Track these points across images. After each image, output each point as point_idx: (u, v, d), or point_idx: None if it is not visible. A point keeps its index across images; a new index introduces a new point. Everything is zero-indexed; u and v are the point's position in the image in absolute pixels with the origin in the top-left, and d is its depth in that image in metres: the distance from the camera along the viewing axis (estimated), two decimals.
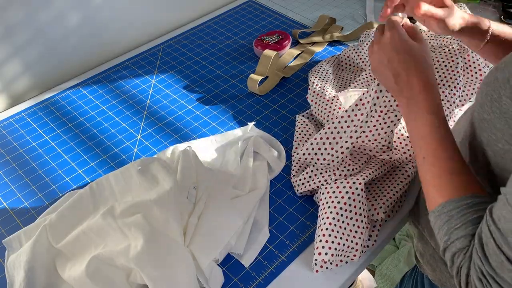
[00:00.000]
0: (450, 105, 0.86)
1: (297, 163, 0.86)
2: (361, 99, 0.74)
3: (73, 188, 0.86)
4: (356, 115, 0.74)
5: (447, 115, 0.84)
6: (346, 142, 0.76)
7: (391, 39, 0.64)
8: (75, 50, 1.11)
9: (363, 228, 0.72)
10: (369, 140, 0.78)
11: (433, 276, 0.73)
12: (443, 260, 0.69)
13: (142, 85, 1.09)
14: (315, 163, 0.79)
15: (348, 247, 0.70)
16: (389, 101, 0.72)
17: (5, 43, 0.98)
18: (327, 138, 0.77)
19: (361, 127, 0.75)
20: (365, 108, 0.73)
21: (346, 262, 0.72)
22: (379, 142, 0.78)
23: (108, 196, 0.76)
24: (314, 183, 0.79)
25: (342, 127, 0.76)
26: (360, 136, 0.78)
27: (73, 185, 0.86)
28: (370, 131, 0.77)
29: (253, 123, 0.94)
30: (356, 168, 0.79)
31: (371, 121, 0.75)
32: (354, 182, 0.74)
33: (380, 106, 0.73)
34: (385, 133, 0.76)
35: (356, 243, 0.71)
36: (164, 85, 1.08)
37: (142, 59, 1.17)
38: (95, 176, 0.87)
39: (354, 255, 0.71)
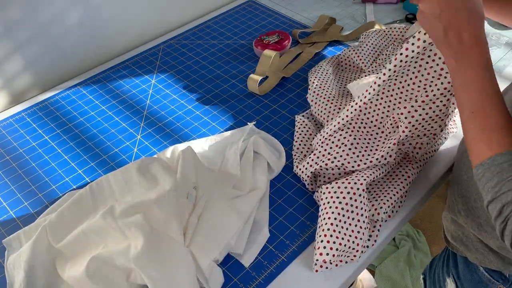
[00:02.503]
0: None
1: (298, 156, 0.86)
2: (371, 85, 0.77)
3: (73, 188, 0.86)
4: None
5: None
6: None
7: None
8: (75, 49, 1.11)
9: (364, 228, 0.72)
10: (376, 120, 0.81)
11: (470, 255, 0.75)
12: (479, 240, 0.70)
13: (142, 85, 1.09)
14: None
15: (349, 247, 0.70)
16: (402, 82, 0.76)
17: (6, 42, 0.98)
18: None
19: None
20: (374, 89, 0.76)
21: (346, 262, 0.72)
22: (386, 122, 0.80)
23: (108, 196, 0.76)
24: (322, 161, 0.79)
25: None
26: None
27: (73, 185, 0.86)
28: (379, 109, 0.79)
29: (253, 123, 0.94)
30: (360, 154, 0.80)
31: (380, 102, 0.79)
32: (355, 183, 0.74)
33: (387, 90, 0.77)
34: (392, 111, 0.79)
35: (357, 244, 0.71)
36: (164, 85, 1.08)
37: (142, 59, 1.17)
38: (95, 176, 0.87)
39: (354, 256, 0.71)
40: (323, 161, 0.79)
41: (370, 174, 0.76)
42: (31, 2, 0.98)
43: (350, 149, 0.79)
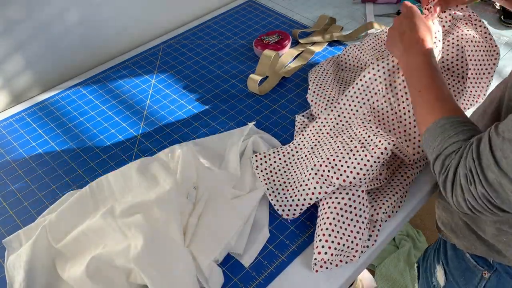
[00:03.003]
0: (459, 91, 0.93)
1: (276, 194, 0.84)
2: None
3: (73, 188, 0.86)
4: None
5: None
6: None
7: (406, 12, 0.80)
8: (75, 49, 1.11)
9: (363, 228, 0.72)
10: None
11: (457, 242, 0.79)
12: (468, 227, 0.75)
13: (142, 85, 1.09)
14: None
15: (348, 247, 0.70)
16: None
17: (6, 41, 0.98)
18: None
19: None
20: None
21: (346, 262, 0.72)
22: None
23: (108, 196, 0.76)
24: (304, 199, 0.77)
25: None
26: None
27: (73, 185, 0.86)
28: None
29: (253, 123, 0.94)
30: None
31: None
32: (354, 185, 0.74)
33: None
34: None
35: (356, 244, 0.71)
36: (164, 85, 1.08)
37: (142, 59, 1.17)
38: (95, 176, 0.87)
39: (354, 256, 0.71)
40: (305, 200, 0.77)
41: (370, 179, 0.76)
42: (31, 1, 0.98)
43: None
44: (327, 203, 0.73)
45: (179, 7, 1.27)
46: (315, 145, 0.83)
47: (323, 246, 0.69)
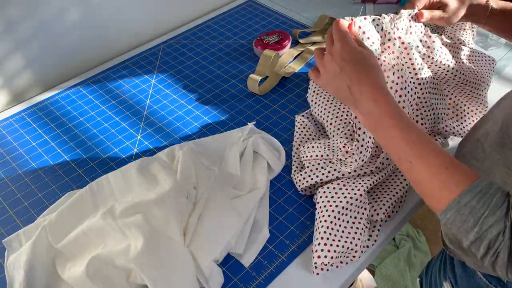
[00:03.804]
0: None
1: (296, 160, 0.86)
2: None
3: (73, 188, 0.86)
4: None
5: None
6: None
7: (342, 49, 0.65)
8: (75, 49, 1.11)
9: (362, 229, 0.72)
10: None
11: (468, 260, 0.74)
12: None
13: (142, 85, 1.09)
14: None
15: (348, 248, 0.70)
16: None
17: (6, 41, 0.98)
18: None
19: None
20: None
21: (346, 263, 0.72)
22: None
23: (108, 196, 0.76)
24: (317, 176, 0.79)
25: None
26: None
27: (73, 185, 0.86)
28: None
29: (253, 123, 0.94)
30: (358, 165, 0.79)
31: None
32: (353, 189, 0.74)
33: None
34: None
35: (356, 245, 0.71)
36: (164, 85, 1.08)
37: (142, 59, 1.17)
38: (95, 176, 0.87)
39: (354, 256, 0.71)
40: (317, 176, 0.79)
41: (368, 180, 0.76)
42: (31, 1, 0.98)
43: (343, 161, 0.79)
44: (324, 206, 0.73)
45: (179, 7, 1.27)
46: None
47: (322, 250, 0.69)
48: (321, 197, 0.75)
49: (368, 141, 0.76)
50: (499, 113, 0.67)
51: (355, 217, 0.73)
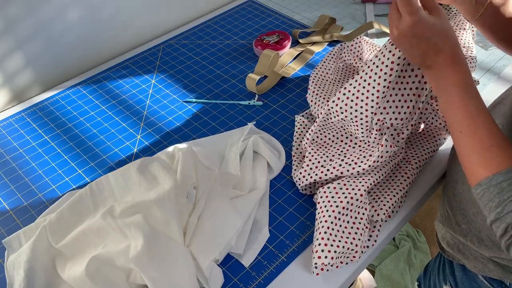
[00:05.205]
0: None
1: (297, 159, 0.86)
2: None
3: (73, 188, 0.86)
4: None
5: None
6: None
7: (413, 25, 0.60)
8: (75, 48, 1.11)
9: (363, 229, 0.72)
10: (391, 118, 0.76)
11: (468, 264, 0.74)
12: (479, 246, 0.69)
13: (142, 85, 1.09)
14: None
15: (348, 248, 0.70)
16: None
17: (6, 40, 0.98)
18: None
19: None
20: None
21: (347, 263, 0.72)
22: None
23: (108, 196, 0.76)
24: (316, 174, 0.78)
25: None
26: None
27: (73, 185, 0.86)
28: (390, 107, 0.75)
29: (253, 123, 0.94)
30: (358, 161, 0.78)
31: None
32: (353, 189, 0.74)
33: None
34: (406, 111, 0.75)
35: (356, 245, 0.70)
36: (164, 85, 1.08)
37: (142, 59, 1.17)
38: (95, 176, 0.87)
39: (354, 256, 0.71)
40: (316, 174, 0.79)
41: (368, 179, 0.76)
42: (31, 1, 0.98)
43: (342, 159, 0.79)
44: (325, 206, 0.73)
45: (179, 7, 1.27)
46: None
47: (322, 250, 0.69)
48: (321, 197, 0.75)
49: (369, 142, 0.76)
50: (496, 118, 0.66)
51: (356, 217, 0.73)
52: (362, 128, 0.76)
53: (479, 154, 0.56)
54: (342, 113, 0.76)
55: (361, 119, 0.74)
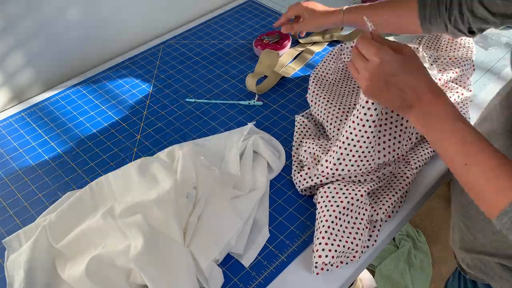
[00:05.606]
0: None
1: (296, 160, 0.86)
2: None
3: (73, 188, 0.86)
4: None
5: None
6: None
7: (383, 64, 0.60)
8: (75, 48, 1.11)
9: (363, 229, 0.72)
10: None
11: (494, 284, 0.70)
12: (503, 266, 0.67)
13: (142, 85, 1.09)
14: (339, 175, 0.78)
15: (348, 248, 0.70)
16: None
17: (6, 40, 0.98)
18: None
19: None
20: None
21: (347, 263, 0.72)
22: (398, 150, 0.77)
23: (108, 196, 0.76)
24: (317, 177, 0.78)
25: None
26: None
27: (73, 185, 0.86)
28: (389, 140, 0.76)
29: (253, 123, 0.94)
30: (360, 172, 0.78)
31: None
32: (353, 189, 0.74)
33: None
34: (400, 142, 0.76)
35: (356, 244, 0.71)
36: (164, 85, 1.08)
37: (142, 59, 1.17)
38: (95, 176, 0.87)
39: (354, 256, 0.71)
40: (317, 177, 0.79)
41: (369, 182, 0.76)
42: (31, 1, 0.98)
43: (343, 165, 0.78)
44: (325, 206, 0.73)
45: (179, 7, 1.27)
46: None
47: (323, 250, 0.69)
48: (322, 197, 0.75)
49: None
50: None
51: (356, 217, 0.73)
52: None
53: (493, 181, 0.53)
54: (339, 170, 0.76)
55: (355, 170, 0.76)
